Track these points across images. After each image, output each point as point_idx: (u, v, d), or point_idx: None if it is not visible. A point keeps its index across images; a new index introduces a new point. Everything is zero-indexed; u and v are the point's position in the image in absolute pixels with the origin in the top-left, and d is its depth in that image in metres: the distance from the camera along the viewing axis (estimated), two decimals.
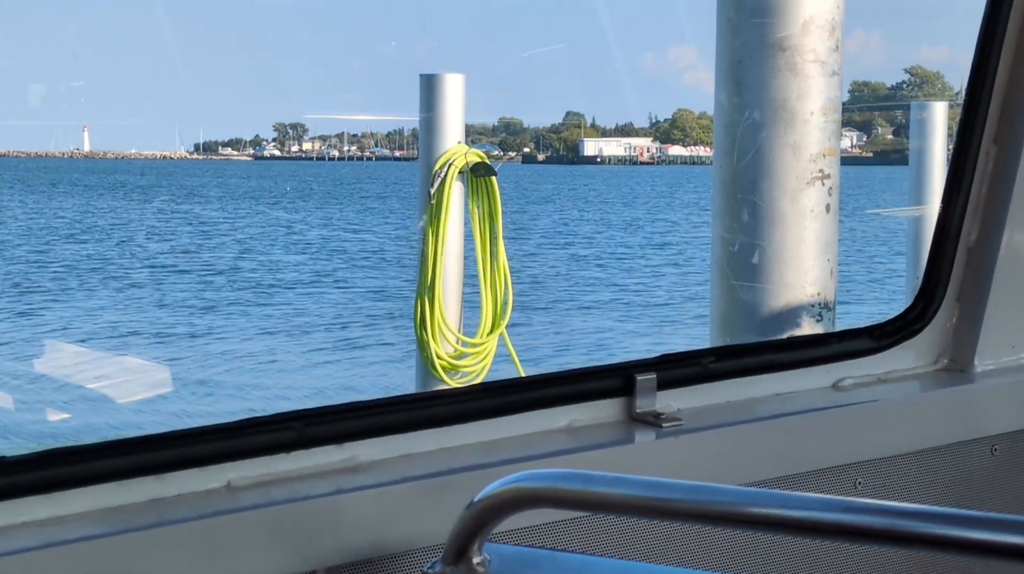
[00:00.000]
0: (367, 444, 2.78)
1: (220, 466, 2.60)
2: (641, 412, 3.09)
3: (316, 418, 2.74)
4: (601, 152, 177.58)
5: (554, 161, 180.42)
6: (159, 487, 2.54)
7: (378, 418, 2.82)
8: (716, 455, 3.05)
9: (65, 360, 23.36)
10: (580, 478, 2.04)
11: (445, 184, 9.51)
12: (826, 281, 4.71)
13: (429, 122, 9.61)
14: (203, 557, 2.43)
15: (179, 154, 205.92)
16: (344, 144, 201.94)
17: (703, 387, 3.24)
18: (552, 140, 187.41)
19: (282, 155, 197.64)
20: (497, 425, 2.96)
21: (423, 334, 9.59)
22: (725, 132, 4.73)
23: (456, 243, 9.66)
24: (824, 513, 1.87)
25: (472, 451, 2.88)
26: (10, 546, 2.31)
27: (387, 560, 2.60)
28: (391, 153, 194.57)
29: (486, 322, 9.91)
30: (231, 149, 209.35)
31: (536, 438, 2.98)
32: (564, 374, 3.13)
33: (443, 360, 9.66)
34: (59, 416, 17.32)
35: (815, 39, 4.61)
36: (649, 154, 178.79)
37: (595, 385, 3.10)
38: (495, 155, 67.11)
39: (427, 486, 2.68)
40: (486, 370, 9.93)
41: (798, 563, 3.15)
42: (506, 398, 3.00)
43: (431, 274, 9.52)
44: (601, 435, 3.02)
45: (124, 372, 22.03)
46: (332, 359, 23.85)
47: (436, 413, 2.89)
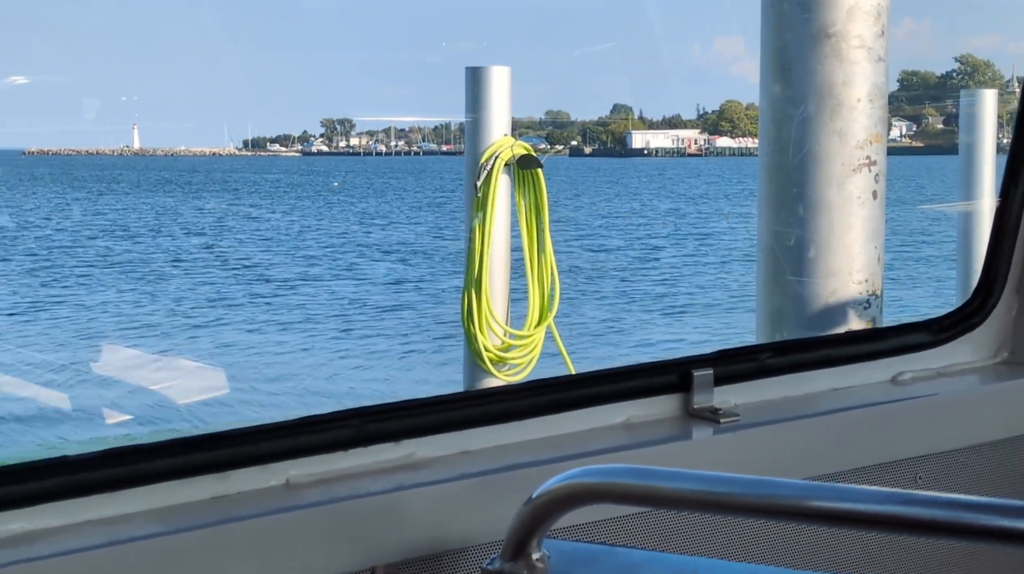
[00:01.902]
0: (425, 441, 2.78)
1: (280, 464, 2.62)
2: (698, 408, 3.08)
3: (374, 416, 2.75)
4: (648, 144, 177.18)
5: (601, 154, 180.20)
6: (220, 485, 2.56)
7: (435, 415, 2.83)
8: (774, 450, 3.04)
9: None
10: (638, 473, 2.03)
11: (491, 177, 9.51)
12: (873, 268, 4.67)
13: (475, 115, 9.62)
14: (263, 554, 2.44)
15: (228, 150, 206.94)
16: (391, 139, 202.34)
17: (760, 382, 3.23)
18: (599, 133, 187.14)
19: (329, 151, 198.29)
20: (554, 422, 2.96)
21: (470, 327, 9.60)
22: (771, 120, 4.70)
23: (503, 236, 9.65)
24: (885, 506, 1.85)
25: (530, 448, 2.89)
26: (75, 545, 2.33)
27: (446, 557, 2.61)
28: (438, 148, 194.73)
29: (533, 314, 9.91)
30: (279, 145, 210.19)
31: (593, 434, 2.98)
32: (621, 370, 3.12)
33: (491, 352, 9.66)
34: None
35: (861, 25, 4.58)
36: (697, 146, 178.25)
37: (652, 381, 3.10)
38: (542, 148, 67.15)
39: (485, 483, 2.68)
40: (533, 362, 9.93)
41: (858, 557, 3.13)
42: (563, 394, 2.99)
43: (478, 267, 9.52)
44: (658, 431, 3.02)
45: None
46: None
47: (493, 410, 2.90)
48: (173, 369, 22.07)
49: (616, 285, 35.81)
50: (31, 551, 2.30)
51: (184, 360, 22.95)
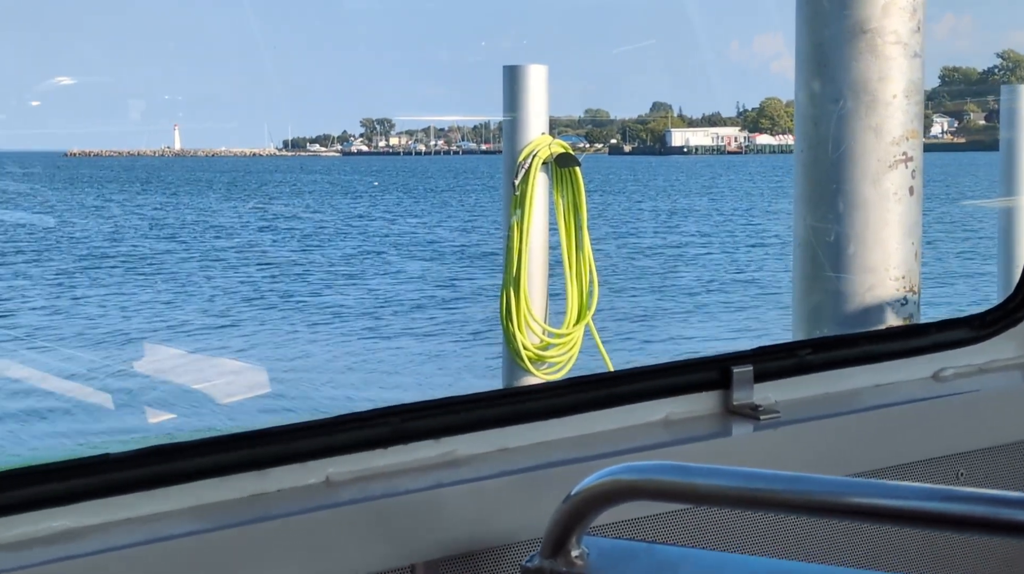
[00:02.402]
0: (464, 439, 2.78)
1: (319, 461, 2.62)
2: (738, 405, 3.07)
3: (413, 413, 2.75)
4: (688, 142, 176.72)
5: (641, 152, 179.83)
6: (259, 483, 2.56)
7: (475, 413, 2.82)
8: (815, 447, 3.03)
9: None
10: (678, 470, 2.03)
11: (529, 175, 9.51)
12: (910, 264, 4.66)
13: (513, 114, 9.63)
14: (303, 552, 2.44)
15: (268, 151, 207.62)
16: (431, 138, 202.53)
17: (801, 379, 3.21)
18: (639, 131, 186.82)
19: (369, 150, 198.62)
20: (593, 419, 2.95)
21: (509, 325, 9.60)
22: (806, 117, 4.70)
23: (541, 234, 9.65)
24: (926, 502, 1.85)
25: (569, 445, 2.88)
26: (113, 542, 2.34)
27: (485, 554, 2.61)
28: (477, 147, 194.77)
29: (572, 313, 9.90)
30: (319, 145, 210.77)
31: (633, 431, 2.97)
32: (660, 367, 3.12)
33: (529, 351, 9.66)
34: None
35: (896, 20, 4.57)
36: (737, 143, 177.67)
37: (691, 378, 3.09)
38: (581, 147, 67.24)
39: (524, 480, 2.68)
40: (572, 361, 9.93)
41: (898, 554, 3.12)
42: (602, 392, 2.99)
43: (516, 265, 9.52)
44: (698, 428, 3.01)
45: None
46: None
47: (532, 407, 2.89)
48: (214, 368, 22.17)
49: (651, 283, 35.75)
50: (72, 549, 2.31)
51: (224, 359, 23.05)
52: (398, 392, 19.50)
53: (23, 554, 2.28)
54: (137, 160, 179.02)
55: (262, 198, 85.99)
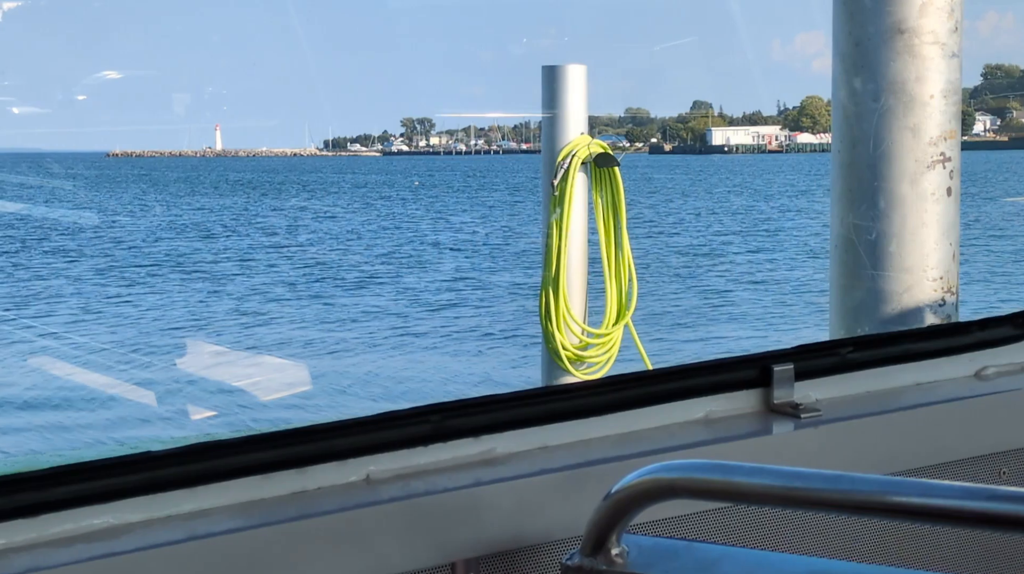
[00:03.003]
0: (504, 437, 2.78)
1: (360, 459, 2.63)
2: (779, 403, 3.06)
3: (453, 411, 2.75)
4: (728, 141, 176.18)
5: (681, 151, 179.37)
6: (300, 480, 2.57)
7: (514, 411, 2.82)
8: (856, 445, 3.01)
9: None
10: (719, 468, 2.03)
11: (568, 175, 9.51)
12: (948, 265, 4.64)
13: (552, 114, 9.63)
14: (343, 549, 2.44)
15: (309, 151, 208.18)
16: (471, 138, 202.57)
17: (842, 377, 3.20)
18: (679, 130, 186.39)
19: (409, 150, 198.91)
20: (633, 417, 2.94)
21: (548, 325, 9.60)
22: (843, 117, 4.69)
23: (580, 234, 9.65)
24: (968, 501, 1.83)
25: (609, 443, 2.87)
26: (156, 539, 2.35)
27: (525, 552, 2.60)
28: (518, 146, 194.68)
29: (611, 313, 9.90)
30: (359, 145, 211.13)
31: (673, 429, 2.96)
32: (700, 365, 3.10)
33: (568, 351, 9.66)
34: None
35: (934, 20, 4.55)
36: (777, 142, 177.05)
37: (732, 376, 3.08)
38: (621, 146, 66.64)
39: (564, 478, 2.67)
40: (611, 360, 9.91)
41: (939, 553, 3.10)
42: (642, 390, 2.98)
43: (555, 265, 9.52)
44: (739, 426, 3.00)
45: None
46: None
47: (572, 405, 2.89)
48: (255, 366, 22.25)
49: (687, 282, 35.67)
50: (114, 546, 2.32)
51: (266, 357, 23.13)
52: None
53: (66, 551, 2.30)
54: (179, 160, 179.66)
55: (304, 197, 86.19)
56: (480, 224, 61.01)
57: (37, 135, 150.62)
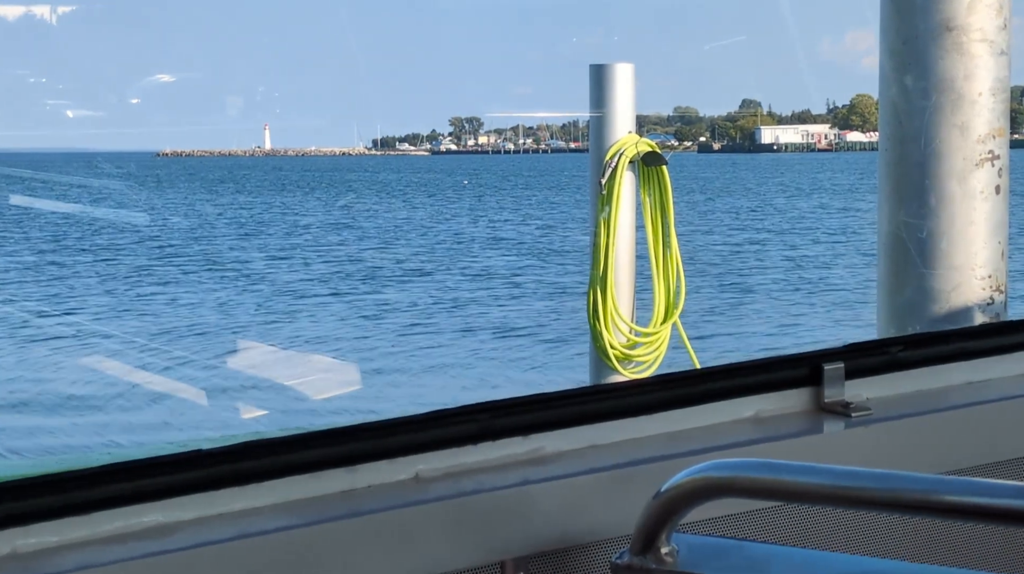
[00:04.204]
0: (552, 435, 2.78)
1: (409, 458, 2.62)
2: (829, 402, 3.03)
3: (502, 410, 2.74)
4: (778, 140, 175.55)
5: (730, 150, 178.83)
6: (350, 479, 2.57)
7: (563, 410, 2.81)
8: (907, 445, 2.99)
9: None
10: (769, 467, 2.02)
11: (616, 174, 9.52)
12: (997, 263, 4.63)
13: (599, 113, 9.64)
14: (393, 548, 2.45)
15: (358, 150, 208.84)
16: (519, 137, 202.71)
17: (893, 376, 3.17)
18: (728, 129, 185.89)
19: (458, 149, 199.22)
20: (682, 416, 2.93)
21: (596, 324, 9.62)
22: (890, 115, 4.68)
23: (628, 232, 9.66)
24: (1020, 500, 1.82)
25: (658, 442, 2.86)
26: (207, 537, 2.36)
27: (574, 551, 2.60)
28: (566, 145, 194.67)
29: (659, 312, 9.90)
30: (408, 144, 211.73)
31: (722, 428, 2.95)
32: (749, 364, 3.09)
33: (616, 350, 9.67)
34: None
35: (982, 18, 4.54)
36: (827, 140, 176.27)
37: (781, 375, 3.06)
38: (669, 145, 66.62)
39: (613, 477, 2.67)
40: (659, 359, 9.91)
41: (990, 552, 3.09)
42: (691, 389, 2.97)
43: (603, 264, 9.54)
44: (788, 425, 2.98)
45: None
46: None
47: (621, 404, 2.88)
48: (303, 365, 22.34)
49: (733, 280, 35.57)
50: (166, 543, 2.34)
51: (317, 356, 23.21)
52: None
53: (118, 548, 2.32)
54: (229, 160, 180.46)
55: (353, 196, 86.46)
56: (528, 222, 61.03)
57: (89, 135, 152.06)
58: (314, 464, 2.55)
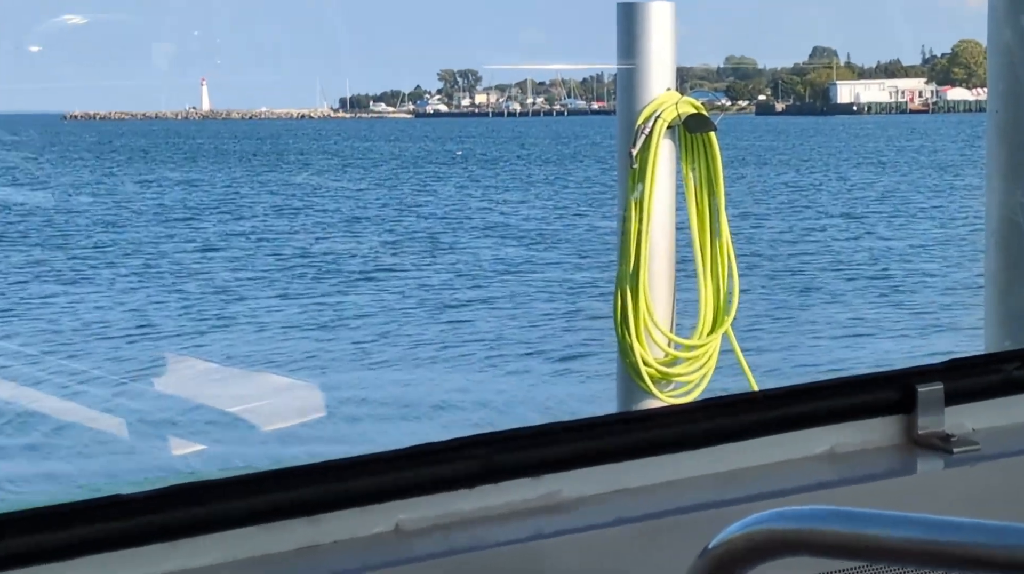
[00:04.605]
0: (571, 477, 2.79)
1: (387, 505, 2.63)
2: (924, 434, 3.05)
3: (506, 444, 2.76)
4: (858, 98, 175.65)
5: (797, 111, 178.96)
6: (312, 532, 2.58)
7: (585, 443, 2.82)
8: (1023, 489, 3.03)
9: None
10: (848, 517, 2.01)
11: (651, 143, 9.51)
12: None
13: (630, 65, 9.63)
14: None
15: (321, 112, 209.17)
16: (528, 95, 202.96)
17: (1005, 401, 3.17)
18: (795, 85, 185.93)
19: (449, 111, 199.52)
20: (736, 452, 2.95)
21: (625, 334, 9.60)
22: (1002, 67, 4.68)
23: (666, 218, 9.65)
24: None
25: (705, 485, 2.89)
26: None
27: None
28: (587, 106, 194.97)
29: (706, 318, 9.89)
30: (385, 104, 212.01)
31: (787, 468, 2.97)
32: (823, 386, 3.10)
33: (651, 367, 9.65)
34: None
35: None
36: (922, 99, 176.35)
37: (864, 399, 3.07)
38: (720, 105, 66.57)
39: (649, 529, 2.68)
40: (707, 380, 9.91)
41: None
42: (747, 417, 2.98)
43: (634, 257, 9.53)
44: (873, 464, 3.00)
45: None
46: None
47: (658, 437, 2.89)
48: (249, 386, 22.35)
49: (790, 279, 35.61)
50: None
51: (267, 375, 23.22)
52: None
53: None
54: (156, 124, 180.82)
55: (313, 171, 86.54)
56: (536, 203, 61.11)
57: None
58: (266, 513, 2.54)
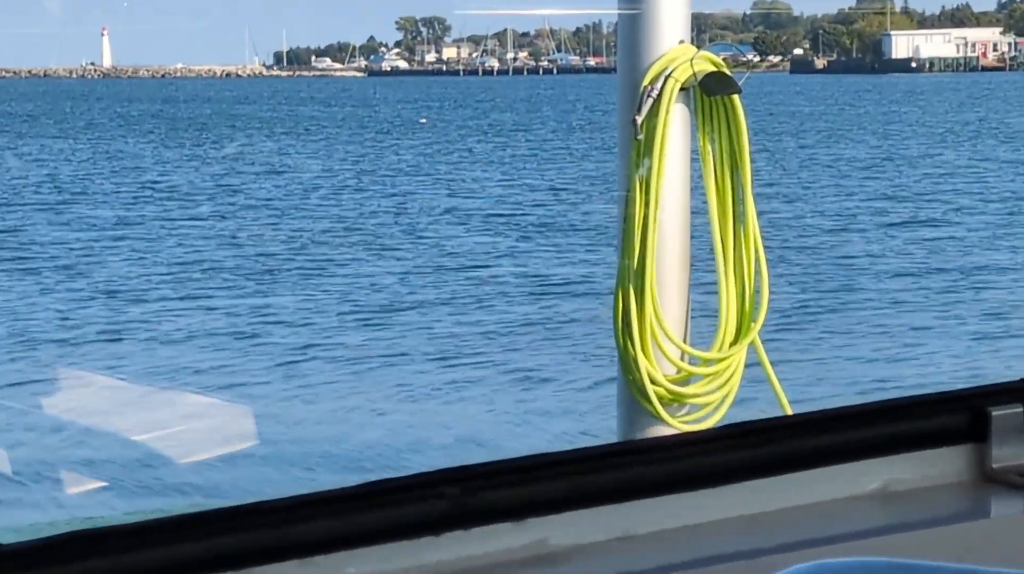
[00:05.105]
0: (562, 521, 2.81)
1: (334, 556, 2.65)
2: (1000, 468, 3.09)
3: (482, 481, 2.78)
4: (918, 52, 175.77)
5: (843, 69, 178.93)
6: None
7: (578, 480, 2.85)
8: None
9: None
10: (909, 571, 2.05)
11: (660, 108, 9.51)
12: None
13: (635, 9, 9.65)
14: None
15: (252, 69, 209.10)
16: (508, 49, 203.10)
17: None
18: (840, 35, 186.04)
19: (411, 67, 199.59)
20: (766, 490, 2.98)
21: (627, 344, 9.57)
22: None
23: (679, 200, 9.66)
24: None
25: (727, 531, 2.91)
26: None
27: None
28: (581, 62, 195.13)
29: (728, 326, 9.88)
30: (331, 60, 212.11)
31: (832, 509, 3.00)
32: (873, 408, 3.12)
33: (659, 386, 9.64)
34: None
35: None
36: (997, 54, 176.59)
37: (924, 425, 3.09)
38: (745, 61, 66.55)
39: None
40: (729, 402, 9.88)
41: None
42: (778, 448, 3.00)
43: (639, 250, 9.52)
44: (935, 504, 3.04)
45: None
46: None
47: (668, 472, 2.91)
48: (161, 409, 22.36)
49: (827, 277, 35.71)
50: None
51: (184, 394, 23.23)
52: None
53: None
54: (46, 83, 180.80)
55: (242, 143, 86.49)
56: (517, 182, 61.14)
57: None
58: (182, 566, 2.56)
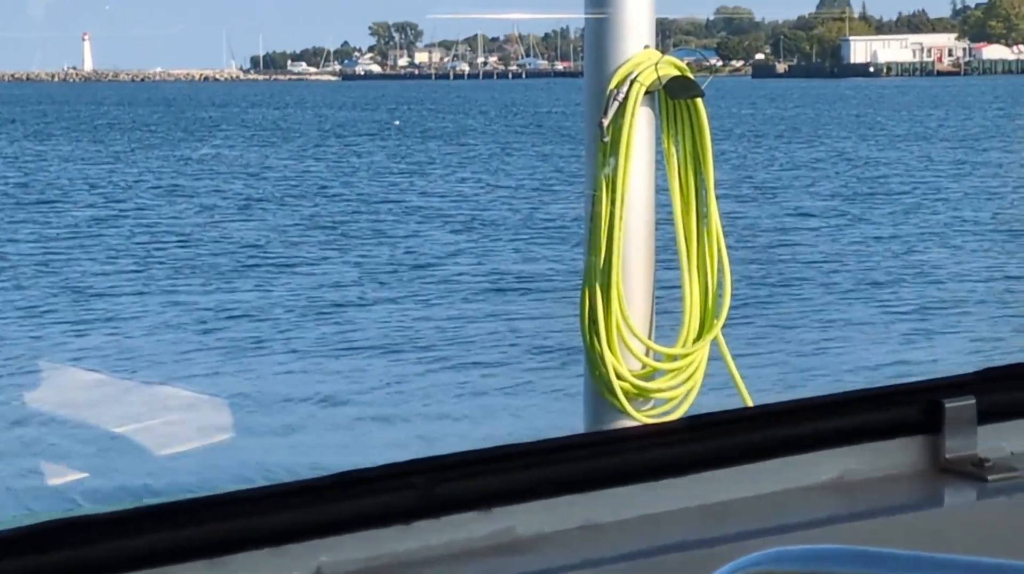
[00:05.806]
0: (528, 510, 2.80)
1: (306, 545, 2.64)
2: (953, 458, 3.07)
3: (449, 472, 2.76)
4: (876, 57, 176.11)
5: (802, 73, 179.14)
6: None
7: (544, 471, 2.84)
8: None
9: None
10: (862, 558, 2.04)
11: (626, 111, 9.51)
12: None
13: (600, 13, 9.65)
14: None
15: (229, 73, 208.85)
16: (478, 53, 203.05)
17: None
18: (799, 41, 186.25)
19: (384, 72, 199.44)
20: (726, 480, 2.96)
21: (594, 340, 9.58)
22: None
23: (644, 199, 9.66)
24: None
25: (689, 520, 2.90)
26: None
27: None
28: (549, 66, 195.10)
29: (691, 322, 9.89)
30: (307, 64, 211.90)
31: (788, 499, 2.99)
32: (830, 401, 3.10)
33: (625, 381, 9.63)
34: None
35: None
36: (952, 59, 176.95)
37: (880, 417, 3.08)
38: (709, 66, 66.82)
39: (621, 572, 2.71)
40: (693, 396, 9.88)
41: None
42: (739, 439, 2.99)
43: (605, 248, 9.52)
44: (890, 494, 3.02)
45: None
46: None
47: (633, 463, 2.90)
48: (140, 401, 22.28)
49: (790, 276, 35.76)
50: None
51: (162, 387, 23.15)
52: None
53: None
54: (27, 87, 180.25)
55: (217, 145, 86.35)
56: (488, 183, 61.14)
57: None
58: (160, 555, 2.55)
